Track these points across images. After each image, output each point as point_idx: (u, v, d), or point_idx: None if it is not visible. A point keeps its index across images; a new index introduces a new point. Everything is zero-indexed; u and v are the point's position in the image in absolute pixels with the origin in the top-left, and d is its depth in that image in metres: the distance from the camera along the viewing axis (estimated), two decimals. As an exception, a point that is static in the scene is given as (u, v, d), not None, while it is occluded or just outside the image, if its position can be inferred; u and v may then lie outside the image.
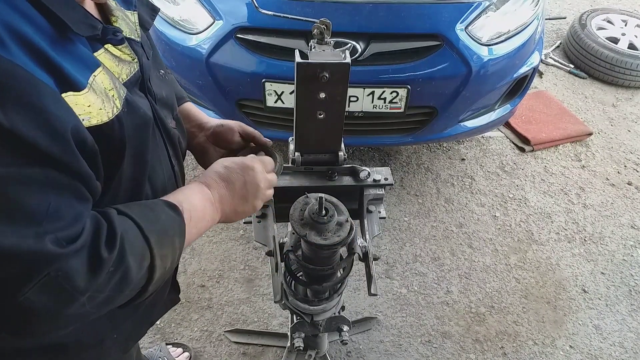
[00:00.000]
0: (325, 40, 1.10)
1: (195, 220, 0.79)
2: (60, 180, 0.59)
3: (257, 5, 1.18)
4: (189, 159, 2.49)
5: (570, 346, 2.08)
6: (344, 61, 1.04)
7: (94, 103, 0.63)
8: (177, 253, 0.76)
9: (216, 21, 2.09)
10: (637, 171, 2.96)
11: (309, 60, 1.04)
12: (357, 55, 2.06)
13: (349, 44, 2.05)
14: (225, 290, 2.16)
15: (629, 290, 2.31)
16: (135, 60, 0.77)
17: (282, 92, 2.10)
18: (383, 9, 2.09)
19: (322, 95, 1.09)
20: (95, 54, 0.68)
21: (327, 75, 1.04)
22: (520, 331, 2.11)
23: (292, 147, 1.25)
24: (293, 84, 1.08)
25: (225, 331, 2.01)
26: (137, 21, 0.83)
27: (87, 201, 0.64)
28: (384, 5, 2.10)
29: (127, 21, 0.81)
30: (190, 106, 1.14)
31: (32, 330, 0.61)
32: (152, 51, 0.92)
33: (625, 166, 2.99)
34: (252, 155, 0.99)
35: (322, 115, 1.14)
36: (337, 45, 1.23)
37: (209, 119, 1.13)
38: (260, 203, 0.92)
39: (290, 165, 1.26)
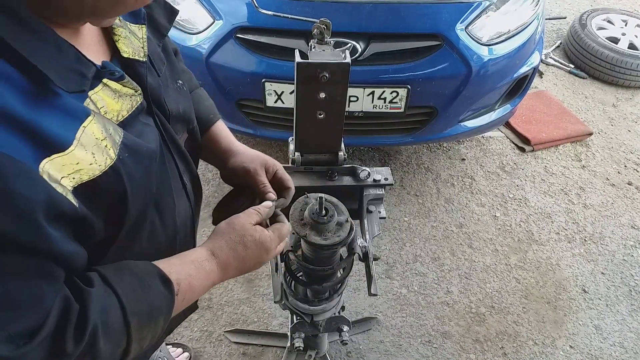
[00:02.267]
0: (325, 40, 1.10)
1: (188, 299, 0.75)
2: (26, 264, 0.54)
3: (257, 5, 1.18)
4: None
5: (571, 346, 2.08)
6: (344, 61, 1.04)
7: (83, 159, 0.58)
8: (159, 332, 0.70)
9: (216, 21, 2.09)
10: (637, 171, 2.96)
11: (309, 60, 1.04)
12: (357, 55, 2.06)
13: (349, 44, 2.05)
14: (225, 291, 2.16)
15: (629, 290, 2.31)
16: (139, 91, 0.71)
17: (282, 92, 2.10)
18: (383, 8, 2.09)
19: (322, 95, 1.09)
20: (90, 92, 0.63)
21: (327, 75, 1.04)
22: (520, 331, 2.11)
23: (292, 147, 1.25)
24: (293, 84, 1.08)
25: (225, 331, 2.01)
26: (144, 36, 0.77)
27: (54, 280, 0.58)
28: (384, 5, 2.09)
29: (132, 38, 0.75)
30: (220, 130, 1.03)
31: None
32: (168, 60, 0.86)
33: (625, 166, 2.99)
34: (277, 226, 0.88)
35: (322, 115, 1.14)
36: (337, 45, 1.23)
37: (238, 150, 1.01)
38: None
39: (290, 165, 1.26)
